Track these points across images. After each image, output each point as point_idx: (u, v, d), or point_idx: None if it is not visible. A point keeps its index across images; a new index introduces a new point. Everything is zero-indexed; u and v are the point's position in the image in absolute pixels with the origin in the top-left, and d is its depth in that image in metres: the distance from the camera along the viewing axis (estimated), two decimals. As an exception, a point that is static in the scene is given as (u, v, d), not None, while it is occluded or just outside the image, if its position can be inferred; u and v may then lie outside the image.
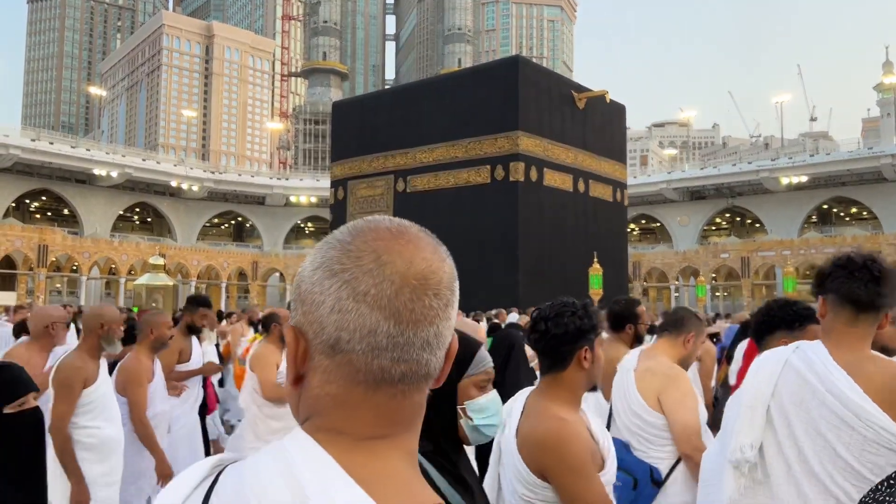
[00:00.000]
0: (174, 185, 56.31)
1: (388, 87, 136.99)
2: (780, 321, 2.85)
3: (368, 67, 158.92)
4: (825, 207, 54.56)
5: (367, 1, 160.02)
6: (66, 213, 55.94)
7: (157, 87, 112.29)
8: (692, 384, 3.01)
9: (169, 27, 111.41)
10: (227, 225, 68.35)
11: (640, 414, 2.86)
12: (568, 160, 24.55)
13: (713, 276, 48.78)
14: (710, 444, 2.58)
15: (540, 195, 23.05)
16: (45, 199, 55.83)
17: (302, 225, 65.76)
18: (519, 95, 22.66)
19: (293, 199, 61.42)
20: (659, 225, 60.47)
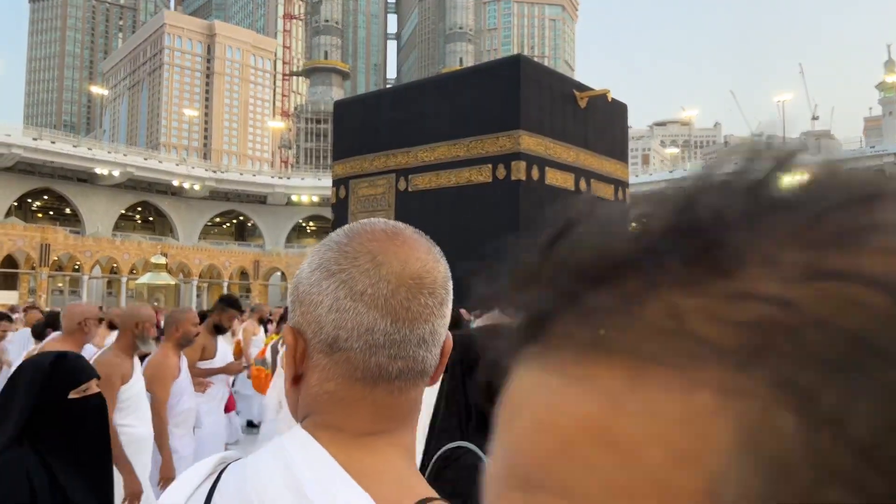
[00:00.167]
0: (176, 184, 56.33)
1: (389, 86, 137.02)
2: None
3: (370, 66, 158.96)
4: (827, 206, 54.52)
5: (368, 0, 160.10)
6: (67, 212, 55.98)
7: (158, 86, 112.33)
8: None
9: (170, 26, 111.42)
10: (228, 224, 68.42)
11: None
12: (569, 159, 24.55)
13: (715, 275, 48.76)
14: None
15: (541, 194, 23.04)
16: (46, 198, 55.88)
17: (304, 224, 65.78)
18: (520, 94, 22.64)
19: (295, 198, 61.43)
20: (661, 224, 60.46)
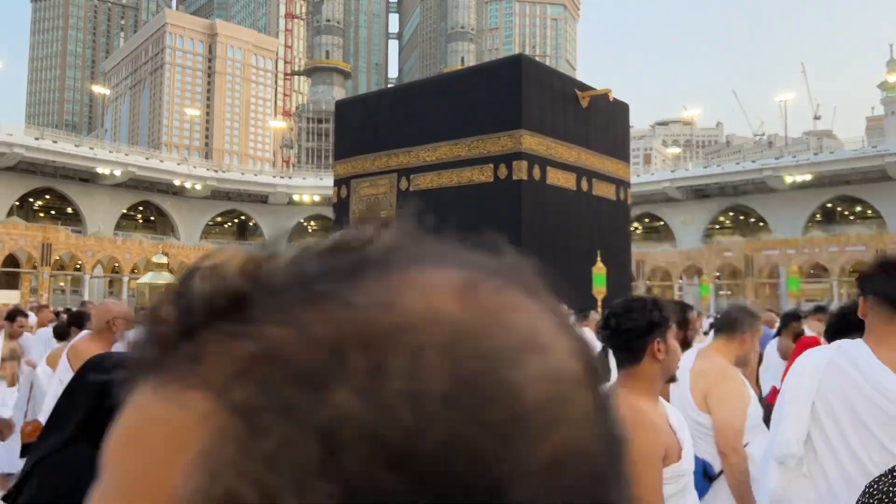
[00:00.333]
0: (177, 183, 56.36)
1: (390, 85, 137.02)
2: (855, 325, 2.94)
3: (371, 66, 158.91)
4: (829, 206, 54.39)
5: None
6: (69, 211, 56.02)
7: (160, 85, 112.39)
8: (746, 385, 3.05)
9: (172, 26, 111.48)
10: (230, 224, 68.42)
11: (689, 413, 2.91)
12: (571, 159, 24.53)
13: (717, 274, 48.67)
14: (763, 440, 2.66)
15: (543, 194, 23.04)
16: (48, 197, 55.92)
17: (305, 223, 65.77)
18: (522, 94, 22.64)
19: (296, 197, 61.46)
20: (662, 224, 60.35)
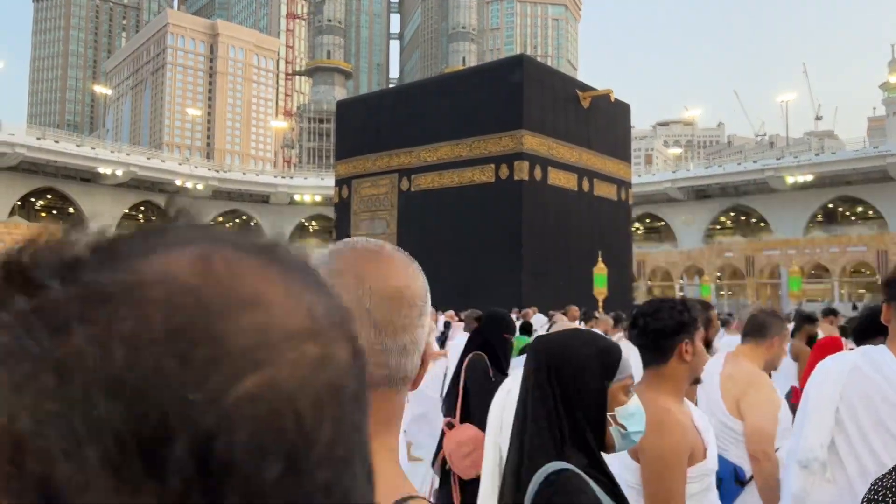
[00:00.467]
0: (179, 183, 56.43)
1: (392, 85, 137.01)
2: (884, 327, 2.94)
3: (372, 66, 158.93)
4: (830, 206, 54.35)
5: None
6: (71, 211, 56.06)
7: (161, 85, 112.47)
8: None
9: (174, 26, 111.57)
10: (231, 224, 68.49)
11: (720, 419, 2.90)
12: (572, 159, 24.52)
13: (718, 275, 48.69)
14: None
15: (544, 194, 23.03)
16: (50, 197, 56.01)
17: (306, 223, 65.87)
18: (523, 94, 22.64)
19: (297, 197, 61.52)
20: (663, 224, 60.35)
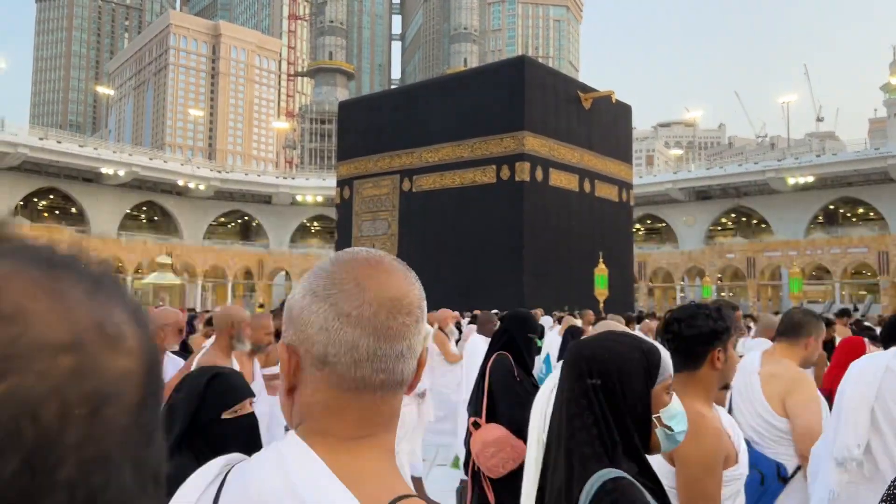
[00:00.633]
0: (181, 184, 56.51)
1: (393, 86, 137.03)
2: None
3: (374, 67, 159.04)
4: (831, 208, 54.34)
5: (373, 0, 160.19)
6: (73, 211, 56.17)
7: (164, 86, 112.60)
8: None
9: (176, 26, 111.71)
10: (233, 224, 68.54)
11: (765, 417, 2.89)
12: (574, 160, 24.58)
13: (719, 276, 48.69)
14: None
15: (545, 195, 23.08)
16: (52, 197, 56.07)
17: (308, 224, 65.92)
18: (525, 95, 22.69)
19: (299, 198, 61.57)
20: (664, 225, 60.36)
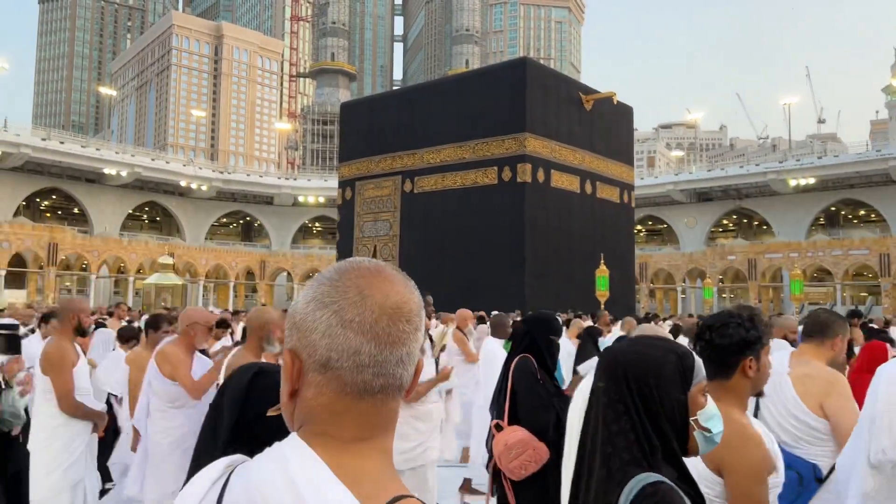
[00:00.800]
0: (183, 184, 56.62)
1: (395, 87, 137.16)
2: None
3: (376, 68, 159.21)
4: (833, 209, 54.36)
5: (375, 2, 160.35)
6: (75, 211, 56.30)
7: (166, 86, 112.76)
8: None
9: (178, 27, 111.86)
10: (235, 224, 68.67)
11: (801, 418, 2.88)
12: (575, 162, 24.63)
13: (720, 278, 48.71)
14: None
15: (547, 196, 23.13)
16: (55, 197, 56.20)
17: (310, 225, 66.03)
18: (526, 97, 22.74)
19: (301, 198, 61.66)
20: (666, 226, 60.39)
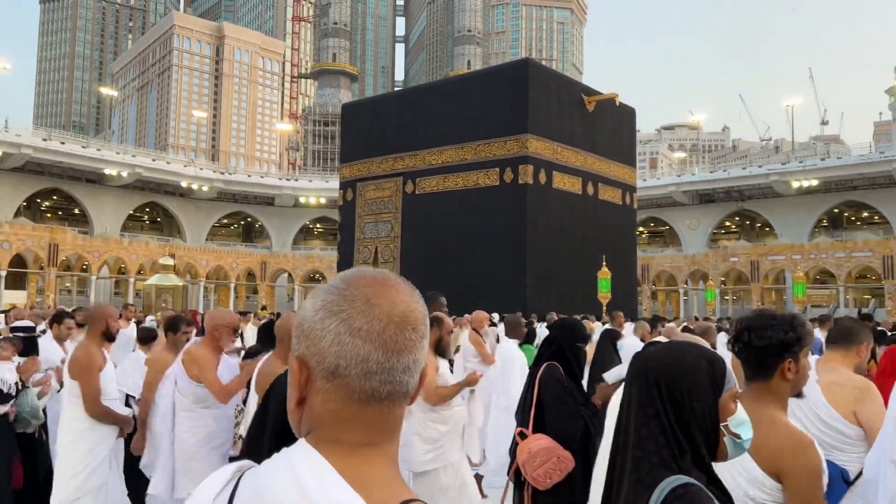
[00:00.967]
0: (184, 185, 56.53)
1: (397, 88, 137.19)
2: None
3: (378, 69, 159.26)
4: (836, 211, 54.20)
5: (376, 2, 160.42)
6: (76, 212, 56.24)
7: (167, 87, 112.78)
8: None
9: (180, 28, 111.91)
10: (236, 225, 68.59)
11: (832, 425, 2.91)
12: (577, 163, 24.49)
13: (722, 280, 48.56)
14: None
15: (549, 198, 22.99)
16: (55, 198, 56.16)
17: (311, 226, 65.93)
18: (528, 98, 22.61)
19: (302, 199, 61.59)
20: (668, 228, 60.23)
